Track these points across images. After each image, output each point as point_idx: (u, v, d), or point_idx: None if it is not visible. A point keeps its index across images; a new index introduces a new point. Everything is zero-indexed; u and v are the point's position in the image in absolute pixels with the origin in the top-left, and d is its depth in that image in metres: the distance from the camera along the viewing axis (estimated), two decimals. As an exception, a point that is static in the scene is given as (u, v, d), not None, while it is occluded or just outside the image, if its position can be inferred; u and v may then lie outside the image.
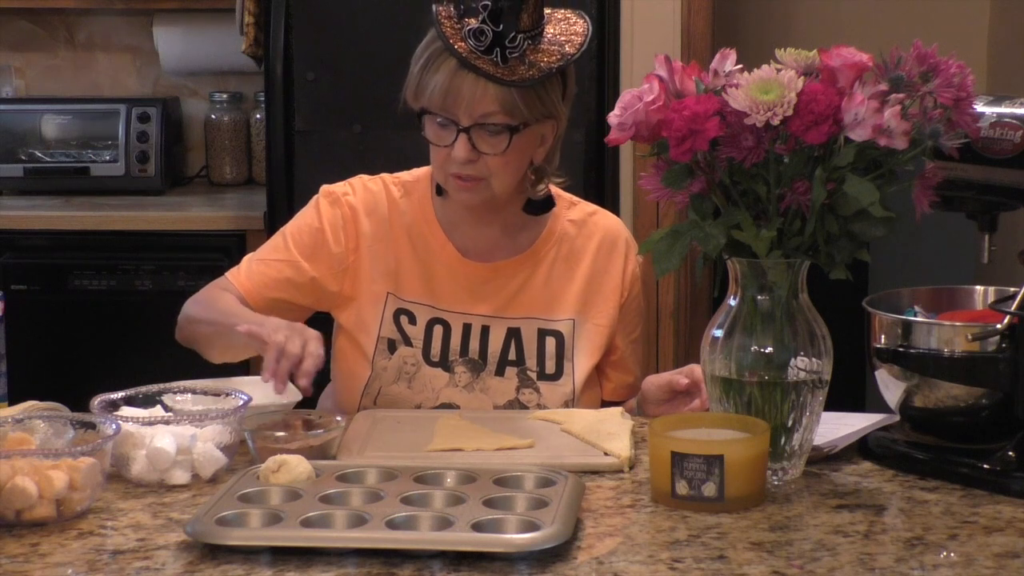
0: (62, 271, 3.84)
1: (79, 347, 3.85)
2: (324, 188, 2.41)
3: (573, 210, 2.43)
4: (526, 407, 2.32)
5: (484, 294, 2.36)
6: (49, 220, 3.88)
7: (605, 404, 2.40)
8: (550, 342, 2.35)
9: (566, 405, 2.32)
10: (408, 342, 2.34)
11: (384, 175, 2.42)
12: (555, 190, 2.40)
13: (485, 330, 2.34)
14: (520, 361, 2.34)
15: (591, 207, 2.45)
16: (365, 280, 2.36)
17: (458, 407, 2.31)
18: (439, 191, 2.35)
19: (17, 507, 1.78)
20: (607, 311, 2.39)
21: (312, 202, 2.40)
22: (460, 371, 2.33)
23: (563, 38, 2.24)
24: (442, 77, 2.20)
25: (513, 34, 2.18)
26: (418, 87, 2.24)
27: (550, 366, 2.35)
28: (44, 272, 3.84)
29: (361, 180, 2.41)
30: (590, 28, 2.26)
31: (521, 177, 2.31)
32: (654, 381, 2.29)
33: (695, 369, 2.20)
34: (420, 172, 2.41)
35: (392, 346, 2.34)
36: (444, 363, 2.33)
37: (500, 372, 2.34)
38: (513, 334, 2.35)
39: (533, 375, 2.34)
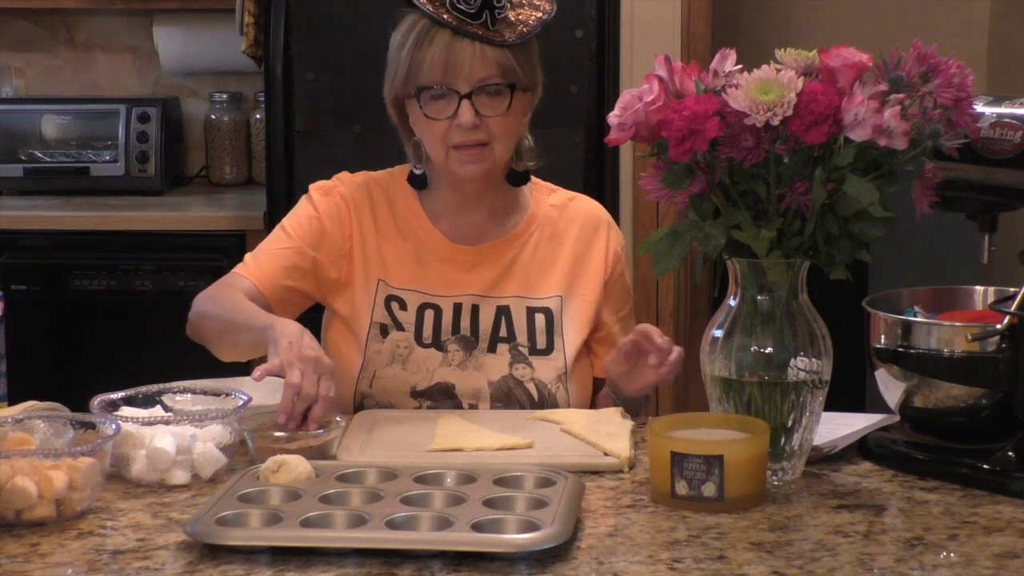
0: (62, 271, 3.84)
1: (79, 347, 3.85)
2: (312, 185, 2.46)
3: (553, 196, 2.48)
4: (520, 381, 2.34)
5: (472, 276, 2.40)
6: (49, 220, 3.88)
7: (597, 381, 2.42)
8: (539, 318, 2.38)
9: (559, 379, 2.35)
10: (400, 327, 2.37)
11: (364, 172, 2.47)
12: (535, 179, 2.47)
13: (475, 308, 2.38)
14: (511, 337, 2.37)
15: (570, 193, 2.50)
16: (359, 266, 2.39)
17: (453, 385, 2.33)
18: (421, 184, 2.40)
19: (17, 507, 1.78)
20: (593, 287, 2.43)
21: (304, 197, 2.45)
22: (453, 349, 2.36)
23: None
24: (438, 49, 2.26)
25: None
26: (411, 67, 2.29)
27: (541, 341, 2.37)
28: (44, 272, 3.84)
29: (346, 175, 2.46)
30: None
31: (517, 144, 2.36)
32: (609, 358, 2.31)
33: (642, 328, 2.23)
34: (395, 170, 2.47)
35: (384, 331, 2.37)
36: (437, 343, 2.36)
37: (492, 349, 2.36)
38: (503, 312, 2.38)
39: (525, 350, 2.36)
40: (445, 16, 2.25)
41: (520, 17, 2.30)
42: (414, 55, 2.28)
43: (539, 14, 2.32)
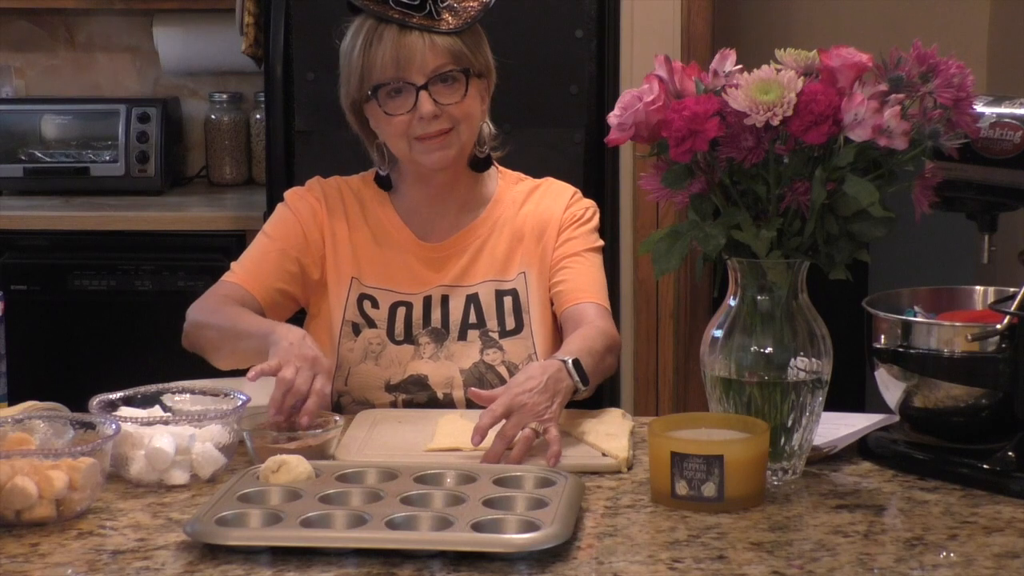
0: (62, 271, 3.84)
1: (79, 347, 3.84)
2: (287, 191, 2.50)
3: (521, 184, 2.50)
4: (491, 366, 2.36)
5: (443, 271, 2.42)
6: (49, 220, 3.88)
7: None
8: (507, 301, 2.40)
9: (529, 358, 2.36)
10: (372, 324, 2.39)
11: (336, 176, 2.50)
12: (503, 169, 2.49)
13: (445, 299, 2.40)
14: (481, 324, 2.39)
15: (538, 181, 2.51)
16: (331, 266, 2.41)
17: (426, 376, 2.35)
18: (387, 185, 2.43)
19: (17, 507, 1.78)
20: (548, 249, 2.42)
21: (280, 204, 2.48)
22: (424, 342, 2.38)
23: None
24: (388, 46, 2.29)
25: None
26: (364, 68, 2.32)
27: (510, 322, 2.39)
28: (44, 272, 3.84)
29: (319, 179, 2.49)
30: None
31: (479, 128, 2.38)
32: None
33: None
34: (366, 174, 2.49)
35: (356, 329, 2.39)
36: (408, 338, 2.38)
37: (463, 337, 2.38)
38: (472, 300, 2.40)
39: (495, 335, 2.39)
40: (390, 13, 2.29)
41: (463, 4, 2.33)
42: (365, 56, 2.31)
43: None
